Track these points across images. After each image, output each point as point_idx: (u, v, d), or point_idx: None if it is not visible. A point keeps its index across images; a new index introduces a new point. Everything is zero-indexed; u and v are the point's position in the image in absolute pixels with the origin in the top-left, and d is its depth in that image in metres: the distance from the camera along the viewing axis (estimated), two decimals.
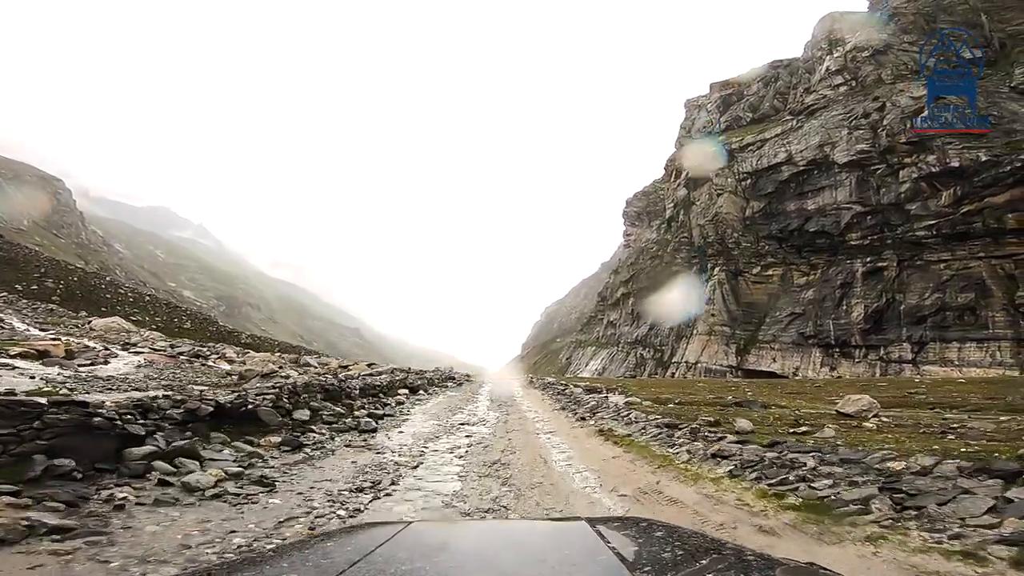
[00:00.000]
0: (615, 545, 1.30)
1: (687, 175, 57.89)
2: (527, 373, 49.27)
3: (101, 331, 18.99)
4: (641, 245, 77.56)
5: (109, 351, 13.40)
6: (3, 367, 9.47)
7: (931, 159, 36.43)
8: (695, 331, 53.24)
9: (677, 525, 1.70)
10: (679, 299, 53.70)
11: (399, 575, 1.11)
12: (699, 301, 52.56)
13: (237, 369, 13.40)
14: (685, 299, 53.35)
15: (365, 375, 13.70)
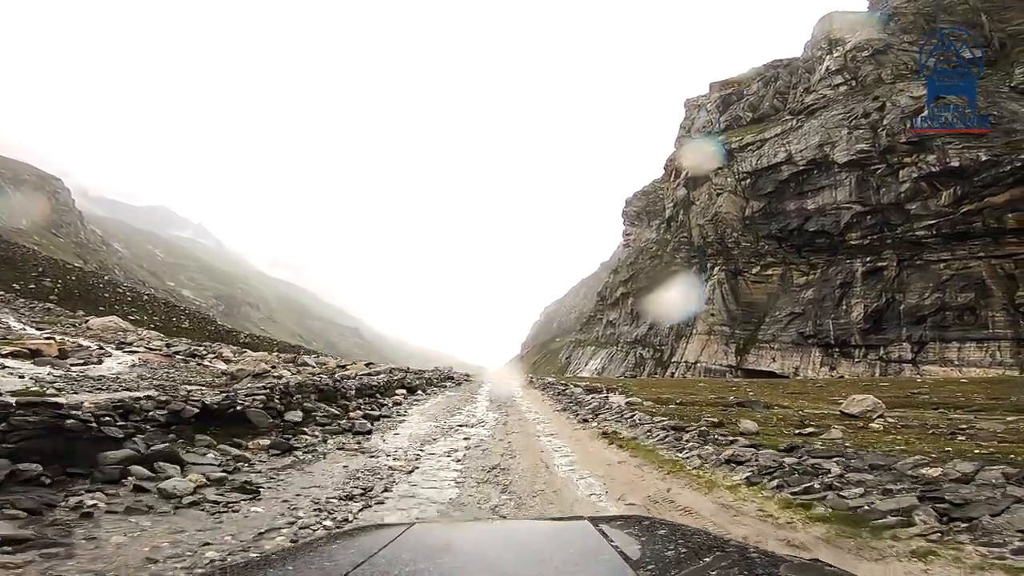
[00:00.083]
0: (618, 544, 1.30)
1: (687, 175, 57.81)
2: (527, 373, 49.19)
3: (98, 330, 18.90)
4: (641, 245, 77.54)
5: (103, 350, 13.26)
6: None
7: (931, 159, 36.38)
8: (695, 331, 53.20)
9: (680, 523, 1.66)
10: (678, 298, 53.65)
11: None
12: (698, 300, 52.52)
13: (232, 369, 13.31)
14: (684, 298, 53.30)
15: (362, 375, 13.58)
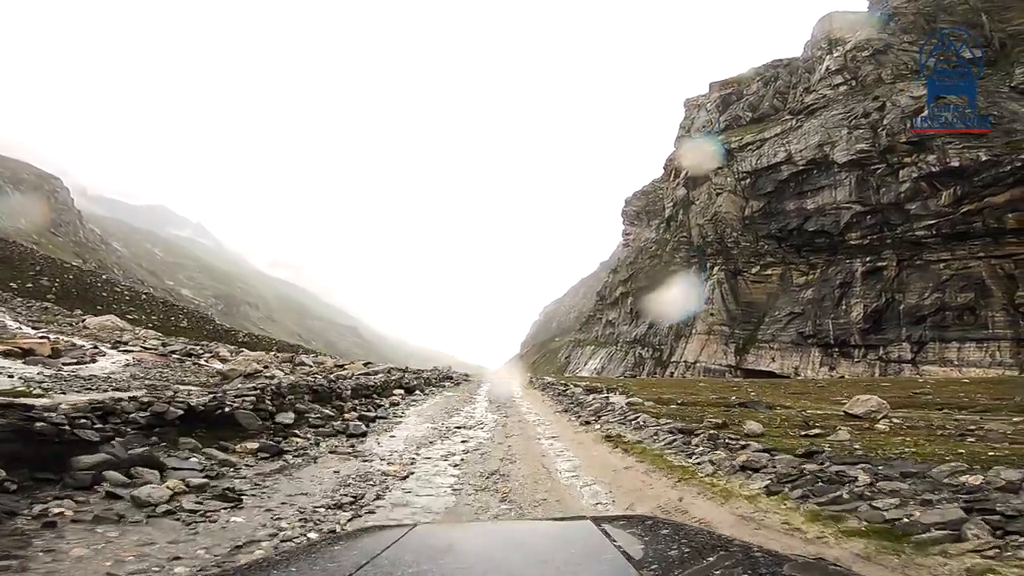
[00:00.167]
0: (621, 544, 1.29)
1: (686, 174, 57.75)
2: (526, 372, 49.14)
3: (95, 329, 18.83)
4: (640, 244, 77.50)
5: (97, 349, 13.15)
6: None
7: (931, 159, 36.33)
8: (694, 330, 53.16)
9: (683, 523, 1.64)
10: (678, 297, 53.62)
11: None
12: (698, 299, 52.48)
13: (224, 368, 13.22)
14: (684, 297, 53.28)
15: (359, 375, 13.50)
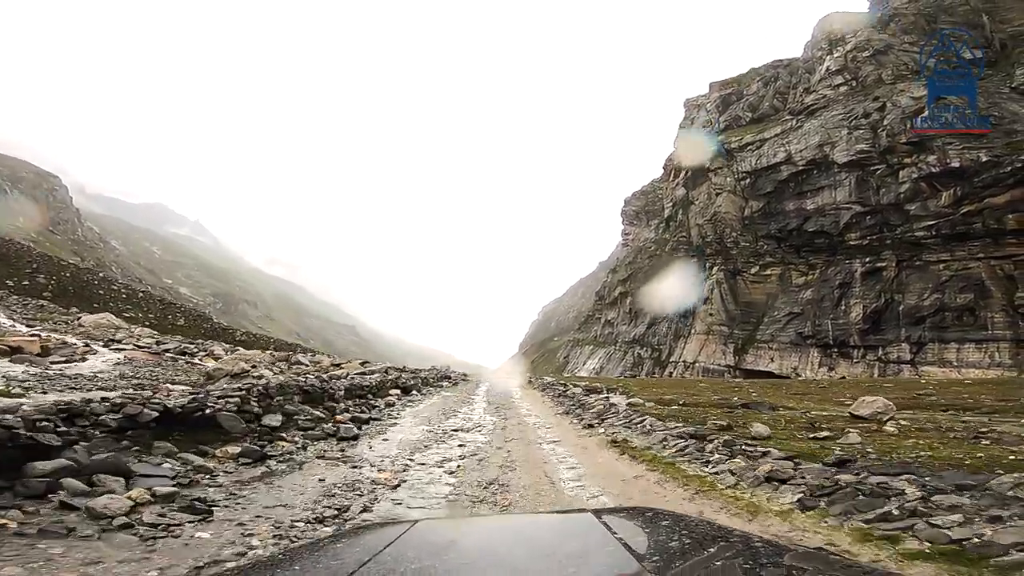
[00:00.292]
0: (622, 536, 1.30)
1: (686, 174, 57.66)
2: (525, 372, 49.05)
3: (90, 327, 18.68)
4: (639, 244, 77.46)
5: (88, 348, 12.96)
6: None
7: (931, 159, 36.25)
8: (693, 330, 53.11)
9: (683, 514, 1.66)
10: (676, 288, 53.65)
11: (408, 574, 1.12)
12: (696, 291, 52.48)
13: (210, 367, 13.03)
14: (682, 288, 53.30)
15: (355, 374, 13.35)
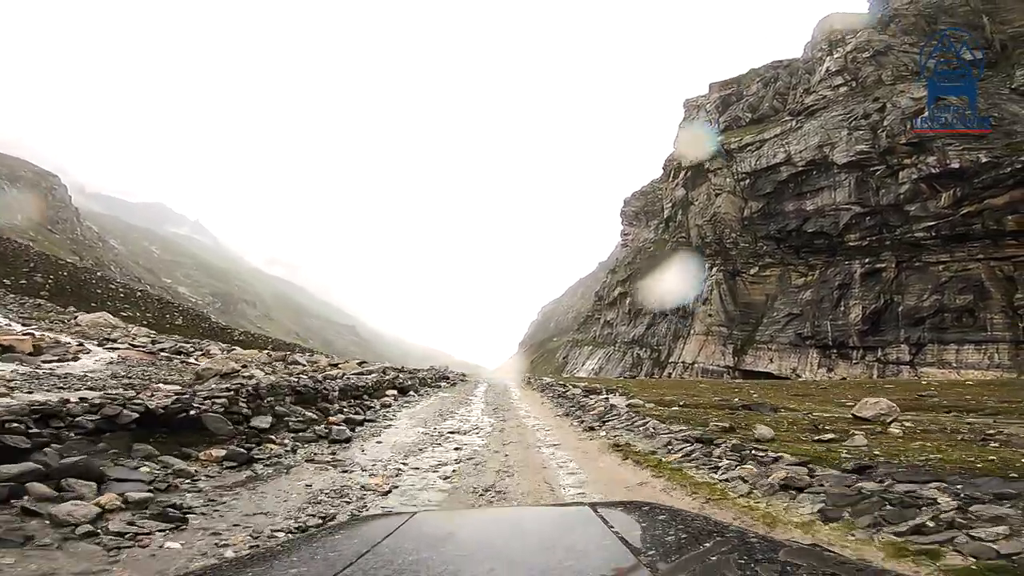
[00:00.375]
0: (619, 530, 1.31)
1: (686, 174, 57.62)
2: (524, 372, 49.01)
3: (86, 326, 18.61)
4: (639, 245, 77.40)
5: (82, 347, 12.83)
6: None
7: (931, 160, 36.23)
8: (692, 331, 53.08)
9: (679, 508, 1.67)
10: (677, 282, 53.74)
11: (406, 565, 1.12)
12: (698, 284, 52.54)
13: (199, 367, 12.93)
14: (683, 282, 53.37)
15: (352, 374, 13.25)
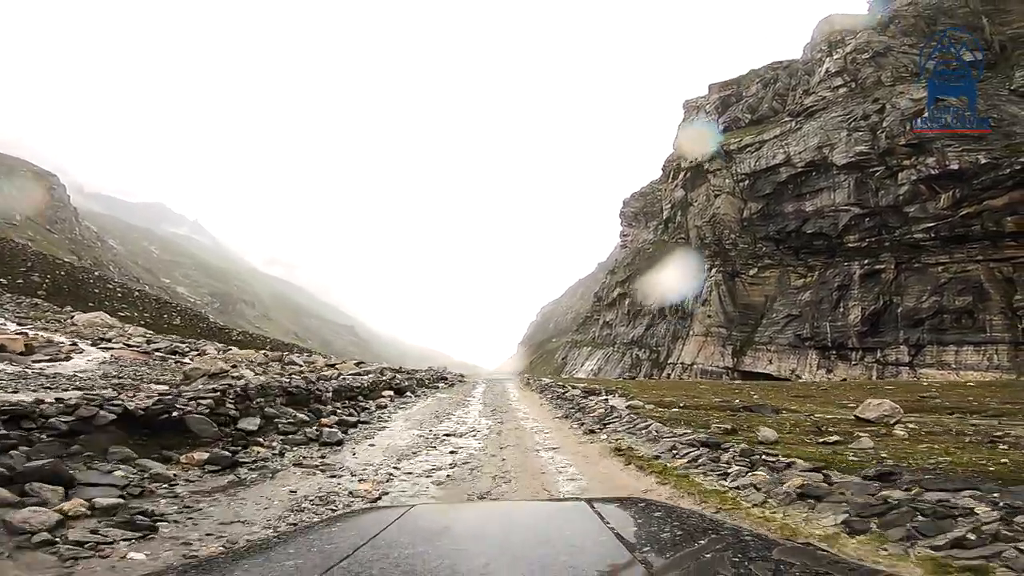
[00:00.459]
0: (614, 525, 1.31)
1: (685, 175, 57.60)
2: (523, 373, 48.97)
3: (82, 326, 18.51)
4: (638, 246, 77.40)
5: (75, 347, 12.72)
6: None
7: (930, 161, 36.21)
8: (691, 332, 53.04)
9: (675, 505, 1.65)
10: (676, 279, 53.79)
11: (402, 559, 1.13)
12: (697, 281, 52.55)
13: (187, 367, 12.81)
14: (683, 278, 53.42)
15: (348, 375, 13.16)
